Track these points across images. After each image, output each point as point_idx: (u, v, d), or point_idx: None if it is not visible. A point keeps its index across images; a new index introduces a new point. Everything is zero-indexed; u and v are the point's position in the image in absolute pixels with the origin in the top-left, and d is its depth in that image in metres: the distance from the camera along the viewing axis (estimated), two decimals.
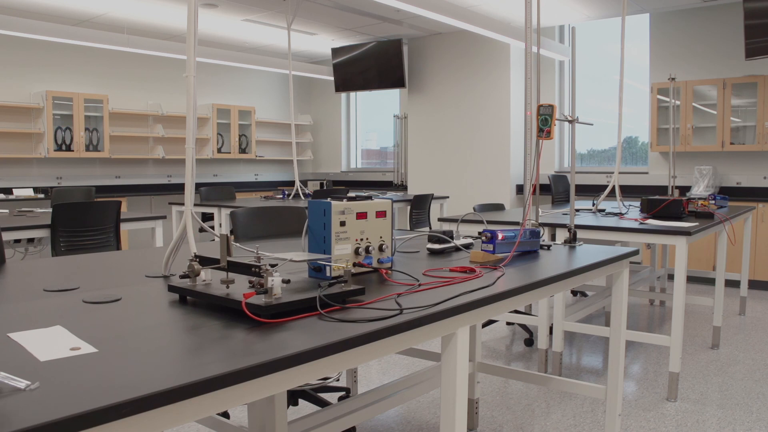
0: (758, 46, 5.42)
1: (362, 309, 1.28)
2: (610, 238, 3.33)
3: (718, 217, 3.71)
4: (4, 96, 6.75)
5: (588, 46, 7.40)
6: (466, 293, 1.46)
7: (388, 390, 2.47)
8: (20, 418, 0.72)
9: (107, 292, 1.45)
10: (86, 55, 7.43)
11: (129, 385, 0.83)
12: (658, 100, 6.52)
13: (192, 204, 1.65)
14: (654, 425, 2.85)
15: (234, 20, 7.00)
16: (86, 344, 1.02)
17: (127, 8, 6.41)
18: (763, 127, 5.96)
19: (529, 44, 2.70)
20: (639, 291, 4.67)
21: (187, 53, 1.66)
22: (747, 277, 4.93)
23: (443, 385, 1.46)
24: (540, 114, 2.43)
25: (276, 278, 1.20)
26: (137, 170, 8.05)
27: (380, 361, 3.78)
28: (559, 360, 3.50)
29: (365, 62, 8.30)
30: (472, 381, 2.87)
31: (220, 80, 8.92)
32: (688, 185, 6.51)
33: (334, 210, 1.57)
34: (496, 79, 7.56)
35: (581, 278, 1.93)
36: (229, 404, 0.96)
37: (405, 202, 6.12)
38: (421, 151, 8.31)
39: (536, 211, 2.74)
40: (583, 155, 7.63)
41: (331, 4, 6.41)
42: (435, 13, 5.06)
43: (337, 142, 9.83)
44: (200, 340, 1.07)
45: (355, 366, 3.09)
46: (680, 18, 6.59)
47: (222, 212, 5.46)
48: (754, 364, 3.72)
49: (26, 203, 6.33)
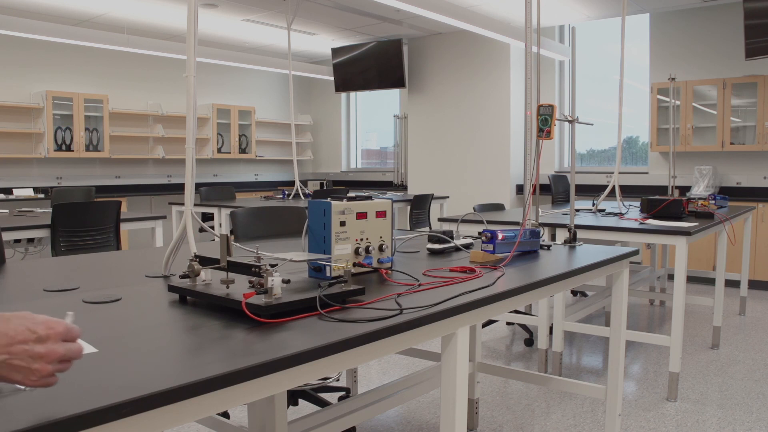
0: (758, 46, 5.42)
1: (362, 309, 1.28)
2: (610, 238, 3.33)
3: (718, 217, 3.71)
4: (4, 96, 6.75)
5: (588, 46, 7.40)
6: (466, 293, 1.46)
7: (388, 390, 2.47)
8: (20, 418, 0.72)
9: (107, 292, 1.45)
10: (86, 55, 7.43)
11: (129, 385, 0.83)
12: (658, 100, 6.52)
13: (192, 204, 1.65)
14: (654, 425, 2.85)
15: (234, 20, 7.00)
16: (86, 344, 1.02)
17: (127, 8, 6.41)
18: (763, 127, 5.96)
19: (529, 44, 2.70)
20: (639, 291, 4.67)
21: (187, 53, 1.66)
22: (747, 277, 4.93)
23: (443, 385, 1.46)
24: (540, 114, 2.43)
25: (276, 278, 1.20)
26: (137, 170, 8.05)
27: (380, 361, 3.78)
28: (559, 360, 3.50)
29: (365, 62, 8.30)
30: (472, 381, 2.87)
31: (220, 80, 8.92)
32: (688, 185, 6.51)
33: (334, 210, 1.57)
34: (496, 79, 7.56)
35: (581, 278, 1.93)
36: (229, 404, 0.96)
37: (405, 202, 6.12)
38: (421, 151, 8.31)
39: (536, 211, 2.74)
40: (583, 155, 7.63)
41: (331, 4, 6.41)
42: (435, 13, 5.06)
43: (337, 142, 9.83)
44: (200, 340, 1.07)
45: (355, 366, 3.09)
46: (680, 18, 6.59)
47: (222, 212, 5.46)
48: (754, 364, 3.72)
49: (26, 203, 6.33)
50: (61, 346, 0.78)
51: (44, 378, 0.77)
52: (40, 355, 0.76)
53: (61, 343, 0.78)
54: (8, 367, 0.75)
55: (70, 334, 0.80)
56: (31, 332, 0.76)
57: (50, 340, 0.77)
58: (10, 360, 0.75)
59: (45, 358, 0.76)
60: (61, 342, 0.78)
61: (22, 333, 0.76)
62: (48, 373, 0.77)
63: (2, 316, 0.77)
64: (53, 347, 0.77)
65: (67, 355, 0.78)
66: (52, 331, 0.78)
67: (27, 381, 0.76)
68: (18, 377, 0.76)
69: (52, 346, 0.77)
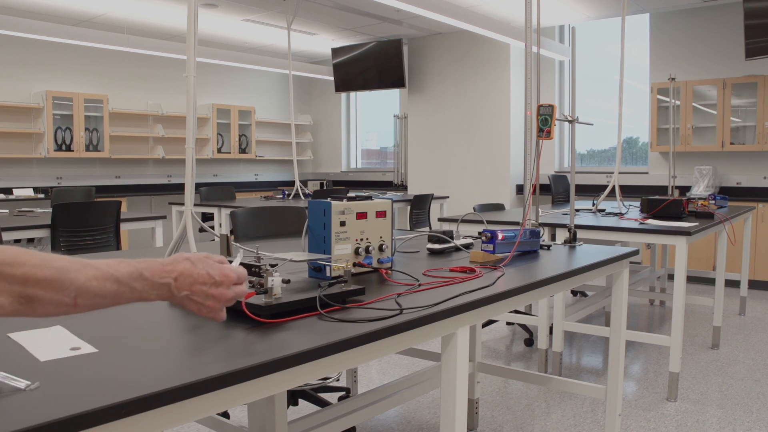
0: (758, 46, 5.42)
1: (362, 309, 1.28)
2: (610, 238, 3.33)
3: (718, 217, 3.71)
4: (4, 96, 6.75)
5: (588, 46, 7.40)
6: (466, 293, 1.46)
7: (388, 390, 2.47)
8: (20, 418, 0.72)
9: None
10: (86, 55, 7.43)
11: (129, 385, 0.83)
12: (658, 100, 6.52)
13: (192, 204, 1.65)
14: (654, 425, 2.85)
15: (234, 20, 7.00)
16: (86, 344, 1.02)
17: (127, 8, 6.41)
18: (763, 127, 5.96)
19: (529, 44, 2.70)
20: (639, 291, 4.67)
21: (187, 53, 1.66)
22: (747, 277, 4.93)
23: (443, 385, 1.46)
24: (540, 114, 2.43)
25: (276, 278, 1.20)
26: (137, 170, 8.05)
27: (380, 361, 3.78)
28: (559, 360, 3.50)
29: (365, 62, 8.30)
30: (472, 381, 2.87)
31: (220, 80, 8.92)
32: (688, 185, 6.51)
33: (334, 210, 1.57)
34: (496, 79, 7.56)
35: (581, 278, 1.93)
36: (229, 404, 0.96)
37: (405, 202, 6.12)
38: (421, 151, 8.31)
39: (536, 211, 2.74)
40: (583, 155, 7.63)
41: (331, 4, 6.41)
42: (435, 13, 5.06)
43: (337, 142, 9.83)
44: (200, 340, 1.07)
45: (355, 366, 3.09)
46: (680, 18, 6.59)
47: (222, 212, 5.46)
48: (754, 364, 3.72)
49: (26, 203, 6.32)
50: (231, 291, 0.99)
51: (213, 313, 0.99)
52: (213, 296, 0.97)
53: (231, 288, 0.99)
54: (188, 300, 0.96)
55: (239, 280, 1.01)
56: (210, 277, 0.97)
57: (223, 285, 0.98)
58: (190, 296, 0.96)
59: (216, 298, 0.98)
60: (232, 287, 0.99)
61: (202, 277, 0.96)
62: (216, 309, 0.99)
63: (189, 258, 0.97)
64: (225, 291, 0.98)
65: (235, 298, 1.01)
66: (226, 279, 0.99)
67: (199, 313, 0.99)
68: (193, 308, 0.98)
69: (224, 291, 0.98)
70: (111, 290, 0.88)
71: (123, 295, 0.90)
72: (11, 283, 0.78)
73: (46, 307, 0.82)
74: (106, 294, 0.88)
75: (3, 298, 0.78)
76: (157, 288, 0.93)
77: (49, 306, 0.83)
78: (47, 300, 0.82)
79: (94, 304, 0.87)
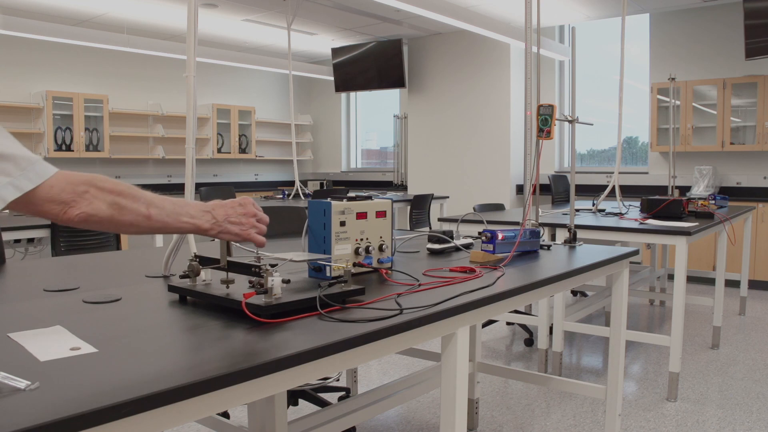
0: (758, 46, 5.42)
1: (362, 309, 1.28)
2: (610, 238, 3.33)
3: (718, 217, 3.71)
4: (4, 96, 6.75)
5: (588, 46, 7.40)
6: (466, 293, 1.45)
7: (388, 390, 2.47)
8: (20, 418, 0.72)
9: (107, 292, 1.45)
10: (86, 55, 7.43)
11: (129, 385, 0.83)
12: (658, 100, 6.52)
13: None
14: (654, 425, 2.85)
15: (234, 20, 7.00)
16: (86, 344, 1.02)
17: (127, 8, 6.41)
18: (763, 127, 5.96)
19: (529, 44, 2.70)
20: (639, 291, 4.67)
21: (187, 53, 1.66)
22: (747, 277, 4.93)
23: (443, 385, 1.46)
24: (540, 114, 2.43)
25: (276, 278, 1.20)
26: (137, 170, 8.05)
27: (380, 361, 3.78)
28: (559, 360, 3.50)
29: (365, 62, 8.29)
30: (472, 381, 2.87)
31: (220, 80, 8.92)
32: (688, 185, 6.51)
33: (334, 210, 1.57)
34: (496, 79, 7.56)
35: (581, 278, 1.93)
36: (229, 404, 0.96)
37: (405, 202, 6.12)
38: (421, 151, 8.31)
39: (536, 211, 2.74)
40: (583, 155, 7.63)
41: (331, 4, 6.41)
42: (435, 13, 5.06)
43: (337, 142, 9.83)
44: (200, 340, 1.07)
45: (355, 366, 3.09)
46: (680, 18, 6.59)
47: None
48: (754, 364, 3.72)
49: None
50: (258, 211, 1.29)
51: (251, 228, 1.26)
52: (245, 214, 1.26)
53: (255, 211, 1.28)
54: (229, 224, 1.23)
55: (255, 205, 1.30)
56: (235, 202, 1.28)
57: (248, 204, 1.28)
58: (229, 218, 1.24)
59: (248, 215, 1.26)
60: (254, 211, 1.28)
61: (231, 202, 1.27)
62: (251, 224, 1.26)
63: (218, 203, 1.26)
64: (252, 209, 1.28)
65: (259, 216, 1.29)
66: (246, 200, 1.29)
67: (244, 234, 1.25)
68: (236, 230, 1.24)
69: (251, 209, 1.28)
70: (170, 208, 1.15)
71: (180, 215, 1.17)
72: (104, 192, 1.07)
73: (130, 215, 1.09)
74: (168, 210, 1.15)
75: (101, 203, 1.06)
76: (202, 214, 1.21)
77: (131, 214, 1.09)
78: (129, 208, 1.09)
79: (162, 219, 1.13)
